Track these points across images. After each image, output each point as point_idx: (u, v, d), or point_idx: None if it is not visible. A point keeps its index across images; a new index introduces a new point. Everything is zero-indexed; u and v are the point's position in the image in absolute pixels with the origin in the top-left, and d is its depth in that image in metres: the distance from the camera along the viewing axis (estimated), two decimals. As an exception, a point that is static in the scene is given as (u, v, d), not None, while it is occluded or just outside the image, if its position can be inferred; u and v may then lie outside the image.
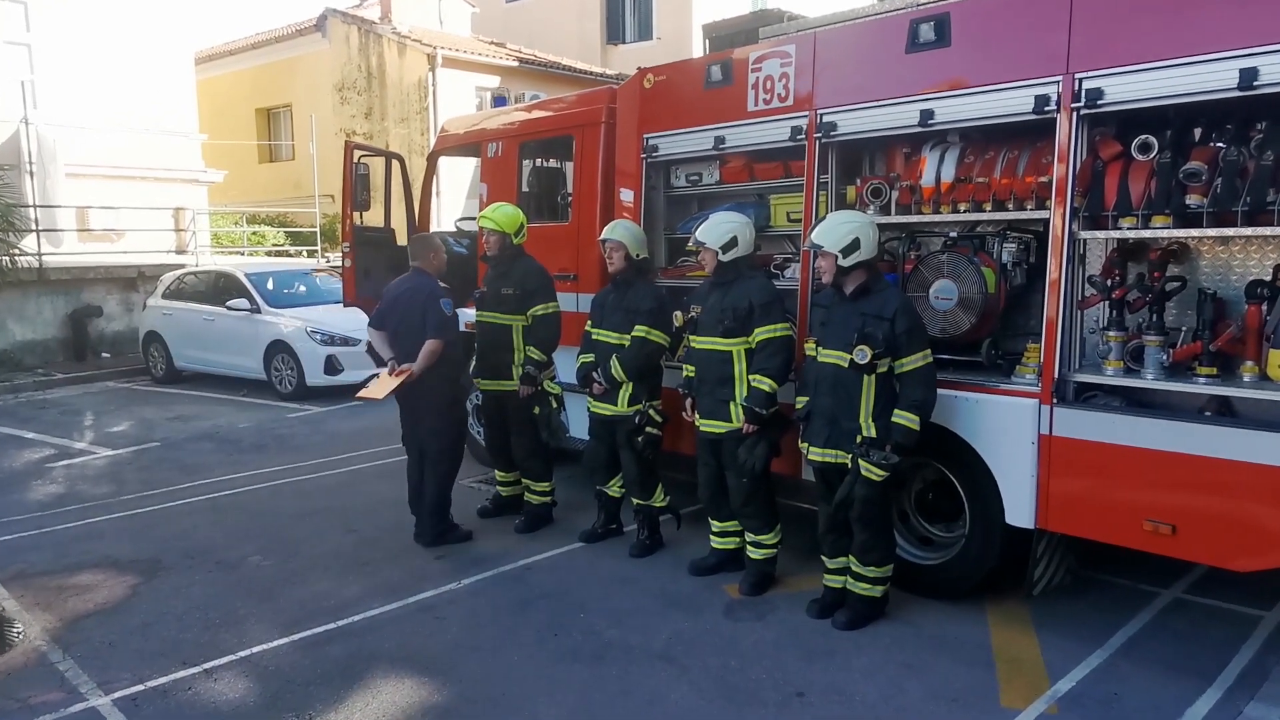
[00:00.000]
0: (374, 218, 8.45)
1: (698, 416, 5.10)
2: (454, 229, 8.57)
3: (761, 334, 4.80)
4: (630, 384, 5.51)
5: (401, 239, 8.52)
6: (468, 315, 6.45)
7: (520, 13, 26.44)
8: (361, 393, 5.95)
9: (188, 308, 12.60)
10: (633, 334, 5.45)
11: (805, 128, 5.25)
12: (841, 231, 4.37)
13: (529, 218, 6.95)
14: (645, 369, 5.52)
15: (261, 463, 8.29)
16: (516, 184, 7.38)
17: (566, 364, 6.80)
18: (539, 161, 7.60)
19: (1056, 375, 4.30)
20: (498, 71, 20.65)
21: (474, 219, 6.76)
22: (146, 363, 13.31)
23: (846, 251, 4.34)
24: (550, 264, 6.52)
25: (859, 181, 5.29)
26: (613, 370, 5.47)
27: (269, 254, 20.41)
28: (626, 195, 6.42)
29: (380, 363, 6.03)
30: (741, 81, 5.58)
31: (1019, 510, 4.44)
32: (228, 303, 11.88)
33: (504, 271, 6.11)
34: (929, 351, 4.36)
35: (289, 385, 11.36)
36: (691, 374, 5.16)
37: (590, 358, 5.69)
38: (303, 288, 12.71)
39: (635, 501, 5.74)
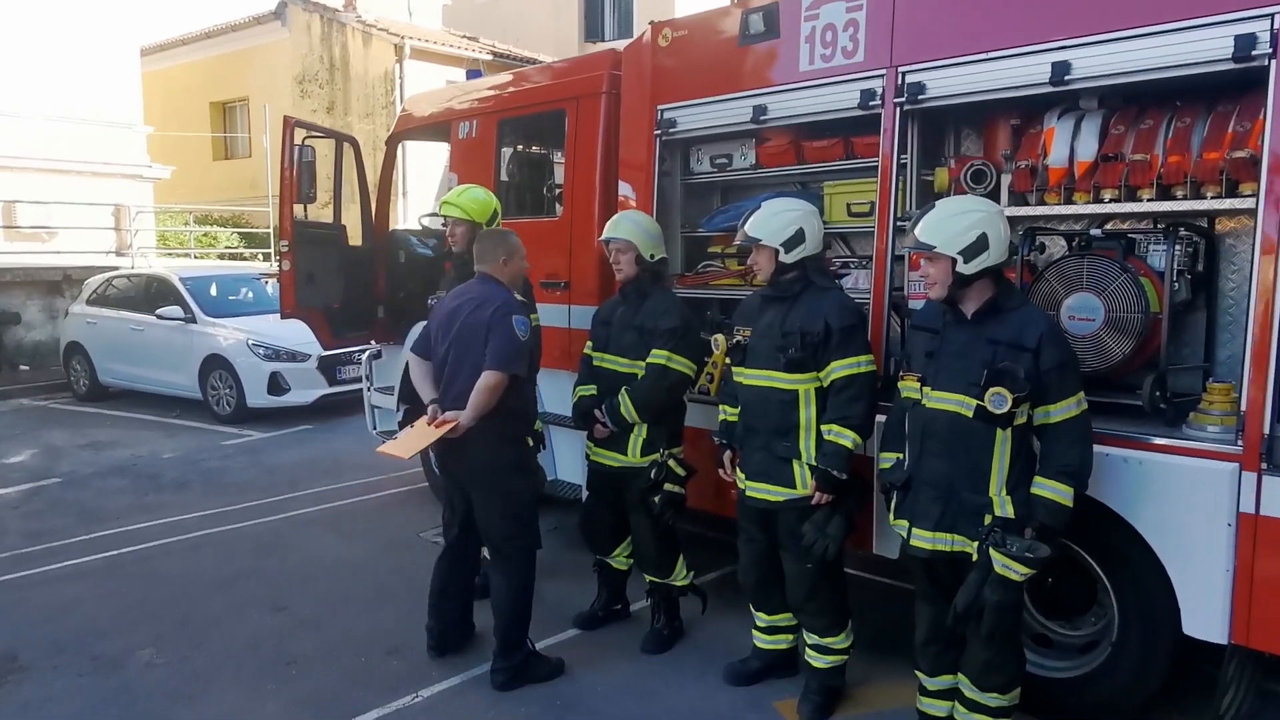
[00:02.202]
0: (322, 214, 7.10)
1: (742, 477, 3.78)
2: (419, 226, 7.22)
3: (841, 369, 3.49)
4: (645, 426, 4.19)
5: (354, 237, 7.16)
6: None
7: (494, 8, 25.08)
8: (385, 447, 4.17)
9: (115, 315, 11.07)
10: (649, 360, 4.14)
11: (881, 91, 3.97)
12: (961, 225, 3.08)
13: (509, 212, 5.67)
14: (665, 407, 4.21)
15: (182, 506, 6.84)
16: (493, 171, 6.05)
17: (549, 390, 5.48)
18: (521, 145, 6.29)
19: (1268, 431, 3.03)
20: (470, 65, 19.25)
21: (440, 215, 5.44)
22: (68, 377, 11.74)
23: (970, 253, 3.05)
24: (536, 268, 5.17)
25: (951, 163, 4.03)
26: (622, 408, 4.15)
27: (221, 257, 18.85)
28: (628, 190, 5.12)
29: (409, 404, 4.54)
30: (792, 33, 4.29)
31: (1204, 618, 3.17)
32: (158, 311, 10.38)
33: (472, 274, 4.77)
34: (1083, 395, 3.09)
35: (227, 406, 9.89)
36: (733, 418, 3.85)
37: (592, 390, 4.35)
38: (249, 294, 11.26)
39: (649, 579, 4.41)
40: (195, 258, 18.35)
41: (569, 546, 5.61)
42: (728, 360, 3.83)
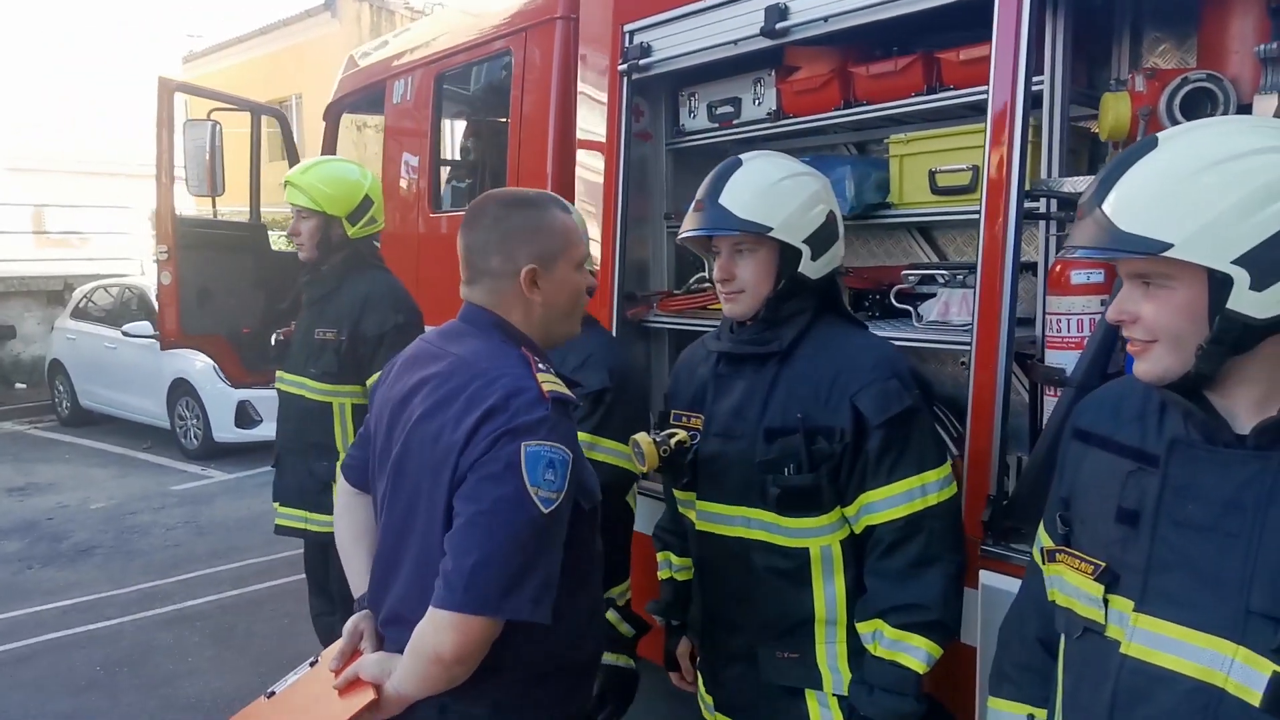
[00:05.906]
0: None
1: (709, 701, 1.89)
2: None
3: (888, 505, 1.59)
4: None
5: (280, 240, 5.55)
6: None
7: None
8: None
9: (92, 331, 9.80)
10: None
11: (997, -53, 2.06)
12: (1237, 190, 1.09)
13: (454, 201, 4.03)
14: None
15: (58, 588, 5.31)
16: (431, 146, 4.32)
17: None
18: (470, 107, 4.57)
19: None
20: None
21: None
22: (53, 398, 10.58)
23: (1268, 269, 1.10)
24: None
25: (1138, 81, 2.07)
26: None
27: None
28: (588, 160, 3.32)
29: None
30: None
31: None
32: (124, 326, 9.03)
33: (324, 295, 3.04)
34: None
35: (194, 439, 8.45)
36: (684, 575, 2.00)
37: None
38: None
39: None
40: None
41: None
42: (679, 479, 1.93)
